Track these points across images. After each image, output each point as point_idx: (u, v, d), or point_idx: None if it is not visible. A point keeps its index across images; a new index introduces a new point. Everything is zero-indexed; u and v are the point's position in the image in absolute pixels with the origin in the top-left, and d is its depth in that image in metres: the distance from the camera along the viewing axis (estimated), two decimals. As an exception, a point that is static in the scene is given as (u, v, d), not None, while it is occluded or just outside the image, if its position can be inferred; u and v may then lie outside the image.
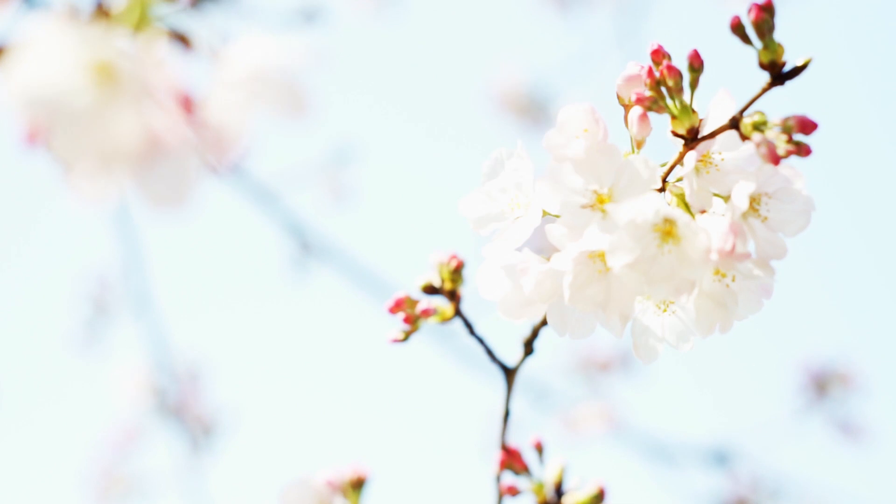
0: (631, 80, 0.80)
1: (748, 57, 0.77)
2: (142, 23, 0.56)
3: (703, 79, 0.78)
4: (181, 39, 0.58)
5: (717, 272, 0.77)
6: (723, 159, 0.77)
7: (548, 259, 0.78)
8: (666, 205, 0.74)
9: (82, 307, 3.86)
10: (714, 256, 0.73)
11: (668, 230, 0.74)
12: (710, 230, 0.73)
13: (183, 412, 3.58)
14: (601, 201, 0.75)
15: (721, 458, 3.17)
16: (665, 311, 0.80)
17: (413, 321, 0.92)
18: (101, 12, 0.57)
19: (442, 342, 2.59)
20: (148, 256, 2.73)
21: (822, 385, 3.09)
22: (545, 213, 0.79)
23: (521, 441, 0.99)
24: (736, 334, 0.80)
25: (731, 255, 0.73)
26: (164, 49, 0.54)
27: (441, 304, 0.93)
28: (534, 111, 4.30)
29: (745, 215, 0.75)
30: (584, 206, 0.75)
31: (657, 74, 0.77)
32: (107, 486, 3.98)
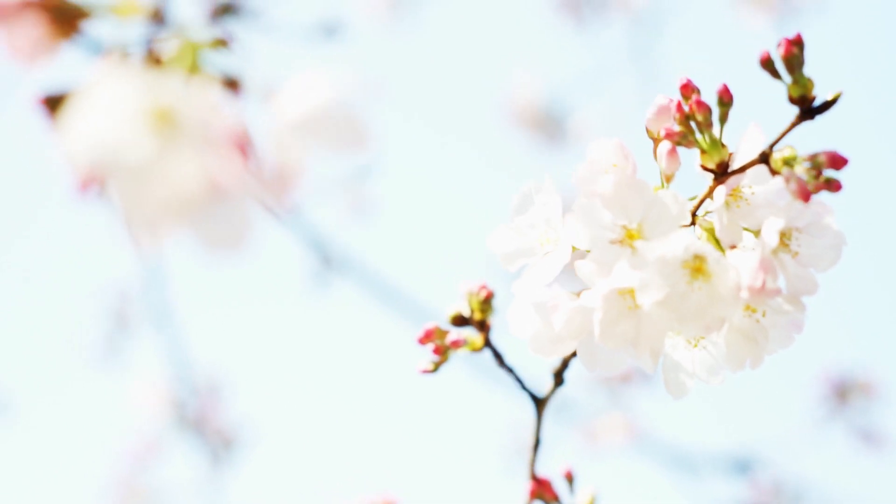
0: (660, 113, 0.79)
1: (763, 77, 0.76)
2: (194, 67, 0.56)
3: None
4: (232, 82, 0.58)
5: (747, 307, 0.77)
6: (753, 193, 0.77)
7: (578, 295, 0.78)
8: (696, 241, 0.74)
9: (103, 320, 3.87)
10: (744, 294, 0.73)
11: (698, 267, 0.73)
12: (741, 267, 0.73)
13: (203, 425, 3.59)
14: (630, 237, 0.75)
15: (743, 467, 3.17)
16: (695, 346, 0.80)
17: (443, 352, 0.92)
18: (152, 58, 0.57)
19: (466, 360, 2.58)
20: (168, 270, 2.73)
21: (843, 394, 3.08)
22: (574, 249, 0.79)
23: (550, 467, 0.99)
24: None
25: (761, 291, 0.73)
26: (218, 92, 0.54)
27: (471, 334, 0.93)
28: (549, 125, 4.31)
29: (775, 251, 0.75)
30: (613, 242, 0.75)
31: (686, 109, 0.77)
32: (126, 498, 3.99)
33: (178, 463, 3.78)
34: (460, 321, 0.93)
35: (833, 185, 0.73)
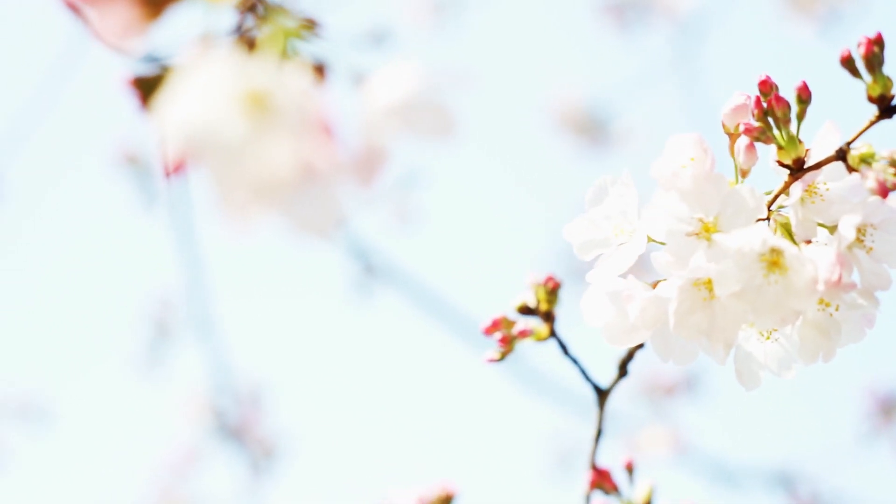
0: (737, 109, 0.80)
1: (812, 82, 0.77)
2: (285, 52, 0.57)
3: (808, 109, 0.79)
4: (321, 67, 0.59)
5: (820, 301, 0.78)
6: (827, 189, 0.78)
7: (652, 286, 0.79)
8: (773, 235, 0.75)
9: (145, 329, 3.89)
10: (821, 287, 0.74)
11: (774, 260, 0.74)
12: (817, 261, 0.74)
13: (243, 435, 3.60)
14: (707, 230, 0.76)
15: (784, 481, 3.16)
16: (768, 338, 0.81)
17: (509, 342, 0.93)
18: (245, 41, 0.58)
19: (510, 365, 2.59)
20: (211, 278, 2.75)
21: (888, 410, 3.08)
22: (650, 240, 0.80)
23: (604, 463, 1.00)
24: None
25: (837, 285, 0.73)
26: (308, 77, 0.55)
27: (536, 324, 0.94)
28: (593, 130, 4.31)
29: (850, 246, 0.76)
30: (689, 234, 0.76)
31: (765, 105, 0.78)
32: (166, 506, 4.00)
33: (218, 472, 3.79)
34: (526, 311, 0.94)
35: (910, 183, 0.74)
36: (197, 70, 0.54)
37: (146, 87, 0.60)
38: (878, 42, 0.77)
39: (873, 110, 0.77)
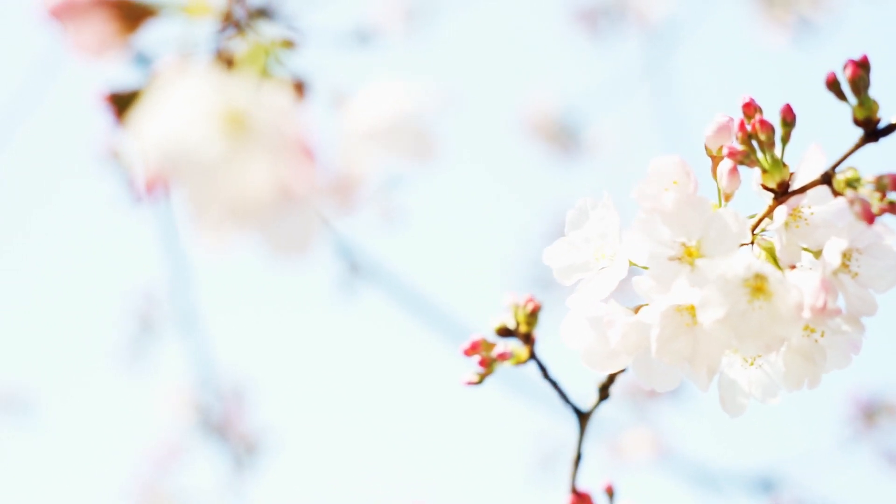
0: (720, 131, 0.79)
1: (777, 95, 0.76)
2: (264, 70, 0.56)
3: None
4: (301, 86, 0.58)
5: (805, 328, 0.76)
6: (812, 213, 0.76)
7: (634, 311, 0.78)
8: (757, 260, 0.74)
9: (128, 323, 3.87)
10: (806, 313, 0.72)
11: (758, 286, 0.73)
12: (802, 287, 0.73)
13: (226, 430, 3.59)
14: (689, 254, 0.75)
15: (766, 486, 3.16)
16: (752, 364, 0.79)
17: (488, 364, 0.92)
18: (223, 57, 0.57)
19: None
20: (195, 274, 2.73)
21: (870, 415, 3.07)
22: (631, 264, 0.79)
23: (580, 481, 0.99)
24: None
25: (823, 312, 0.72)
26: (287, 96, 0.54)
27: (516, 346, 0.93)
28: (564, 138, 4.30)
29: (836, 271, 0.74)
30: (671, 259, 0.75)
31: (749, 128, 0.77)
32: (148, 501, 3.99)
33: (200, 468, 3.78)
34: (505, 333, 0.93)
35: (896, 208, 0.73)
36: (174, 86, 0.53)
37: (122, 103, 0.58)
38: (864, 64, 0.75)
39: (858, 133, 0.75)
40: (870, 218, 0.72)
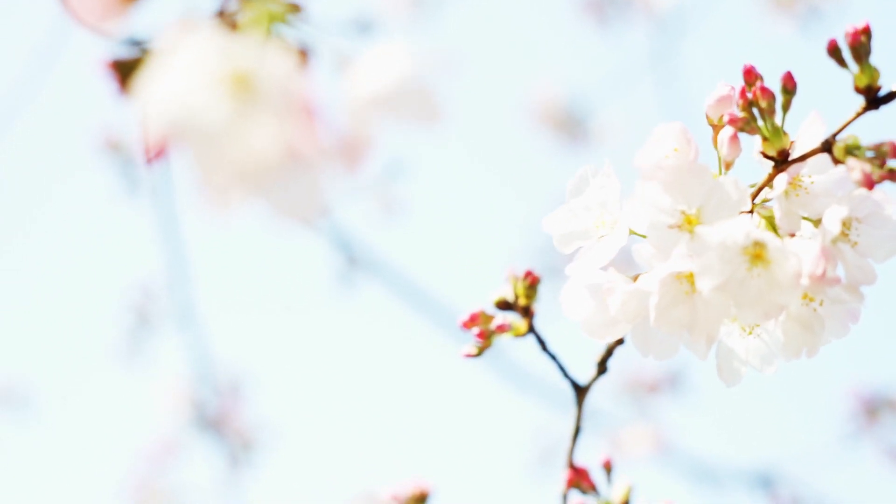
0: (721, 100, 0.79)
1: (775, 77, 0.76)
2: (269, 33, 0.56)
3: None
4: (306, 50, 0.58)
5: (804, 296, 0.76)
6: (812, 182, 0.76)
7: (633, 279, 0.78)
8: (756, 228, 0.74)
9: (126, 317, 3.87)
10: (805, 281, 0.72)
11: (757, 253, 0.73)
12: (801, 255, 0.73)
13: (223, 426, 3.59)
14: (689, 222, 0.75)
15: (766, 482, 3.15)
16: (750, 333, 0.79)
17: (487, 337, 0.92)
18: (227, 22, 0.57)
19: (491, 359, 2.58)
20: (193, 268, 2.73)
21: (872, 411, 3.07)
22: (631, 233, 0.78)
23: (583, 461, 0.99)
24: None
25: (822, 280, 0.72)
26: (293, 59, 0.54)
27: (515, 319, 0.93)
28: (571, 126, 4.30)
29: (835, 240, 0.74)
30: (671, 227, 0.75)
31: (750, 95, 0.77)
32: (144, 498, 3.98)
33: (196, 463, 3.78)
34: (504, 306, 0.93)
35: (896, 175, 0.73)
36: (179, 51, 0.53)
37: (126, 70, 0.58)
38: (866, 32, 0.75)
39: (859, 101, 0.75)
40: (870, 185, 0.72)
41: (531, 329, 0.93)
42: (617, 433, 3.26)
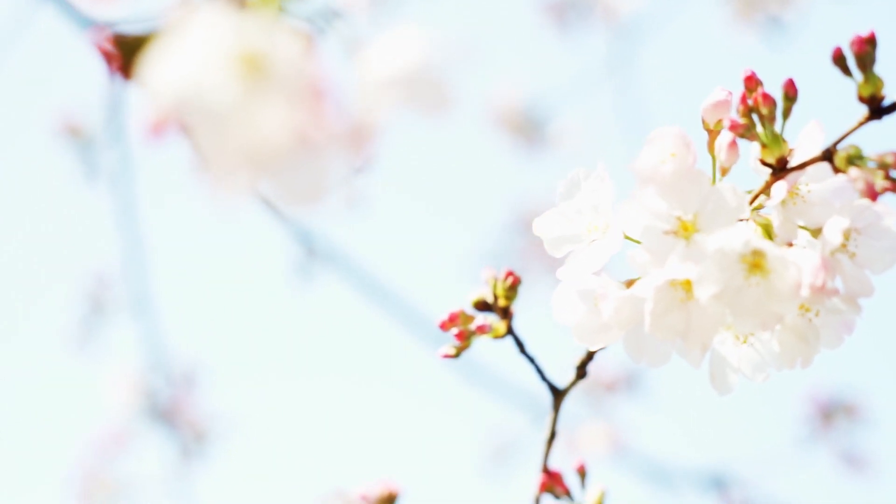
0: (718, 105, 0.78)
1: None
2: (280, 12, 0.54)
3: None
4: (317, 31, 0.56)
5: (801, 307, 0.75)
6: (809, 191, 0.75)
7: (626, 284, 0.77)
8: (756, 236, 0.73)
9: (80, 305, 3.83)
10: (805, 292, 0.71)
11: (756, 262, 0.72)
12: (801, 264, 0.72)
13: (175, 417, 3.56)
14: (685, 228, 0.74)
15: (718, 483, 3.16)
16: (744, 342, 0.78)
17: (466, 337, 0.90)
18: (237, 1, 0.55)
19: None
20: (150, 256, 2.71)
21: (828, 415, 3.08)
22: (625, 238, 0.77)
23: (530, 472, 0.98)
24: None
25: (822, 291, 0.71)
26: (305, 40, 0.52)
27: (494, 321, 0.91)
28: (529, 130, 4.29)
29: (833, 251, 0.73)
30: (666, 233, 0.74)
31: (750, 102, 0.76)
32: (91, 488, 3.94)
33: (147, 455, 3.74)
34: (483, 307, 0.91)
35: (899, 187, 0.72)
36: (189, 29, 0.51)
37: (126, 49, 0.56)
38: (871, 41, 0.74)
39: (862, 111, 0.74)
40: (873, 195, 0.71)
41: (510, 331, 0.92)
42: (573, 432, 3.26)
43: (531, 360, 0.93)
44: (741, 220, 0.74)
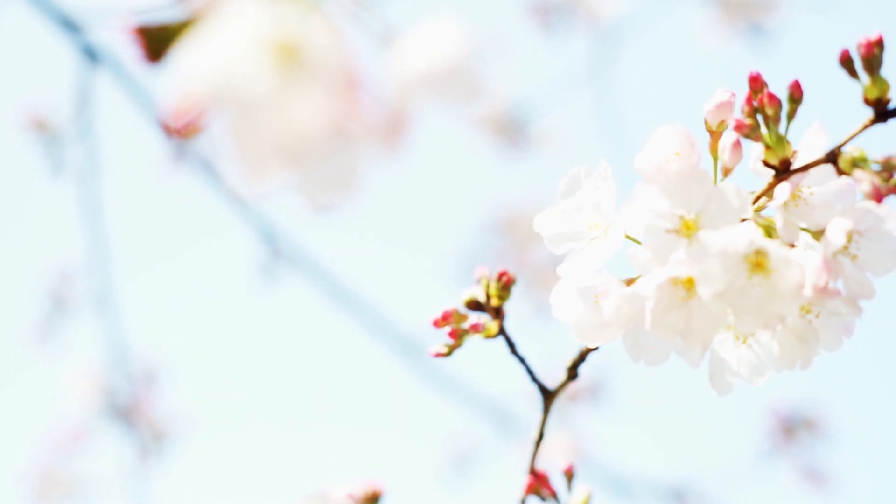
0: (721, 106, 0.78)
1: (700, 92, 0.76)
2: (315, 1, 0.53)
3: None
4: (352, 22, 0.56)
5: (802, 308, 0.75)
6: (812, 193, 0.76)
7: (626, 283, 0.77)
8: (760, 236, 0.73)
9: (41, 300, 3.80)
10: (808, 292, 0.71)
11: (758, 262, 0.72)
12: (804, 265, 0.72)
13: (134, 415, 3.53)
14: (687, 227, 0.74)
15: (678, 496, 3.17)
16: (744, 342, 0.78)
17: (459, 336, 0.90)
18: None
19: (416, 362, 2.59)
20: (113, 253, 2.69)
21: (789, 429, 3.09)
22: (627, 237, 0.77)
23: (491, 482, 0.98)
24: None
25: (823, 292, 0.71)
26: (341, 31, 0.52)
27: (486, 320, 0.91)
28: (511, 132, 4.29)
29: (836, 252, 0.74)
30: (669, 231, 0.74)
31: (756, 102, 0.76)
32: (47, 486, 3.92)
33: (105, 453, 3.72)
34: (475, 306, 0.91)
35: (902, 190, 0.72)
36: (224, 16, 0.51)
37: (153, 38, 0.55)
38: (879, 44, 0.74)
39: (867, 113, 0.75)
40: (879, 198, 0.72)
41: (501, 331, 0.91)
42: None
43: (522, 360, 0.93)
44: (743, 221, 0.75)
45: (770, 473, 3.11)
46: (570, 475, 0.98)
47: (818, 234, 0.75)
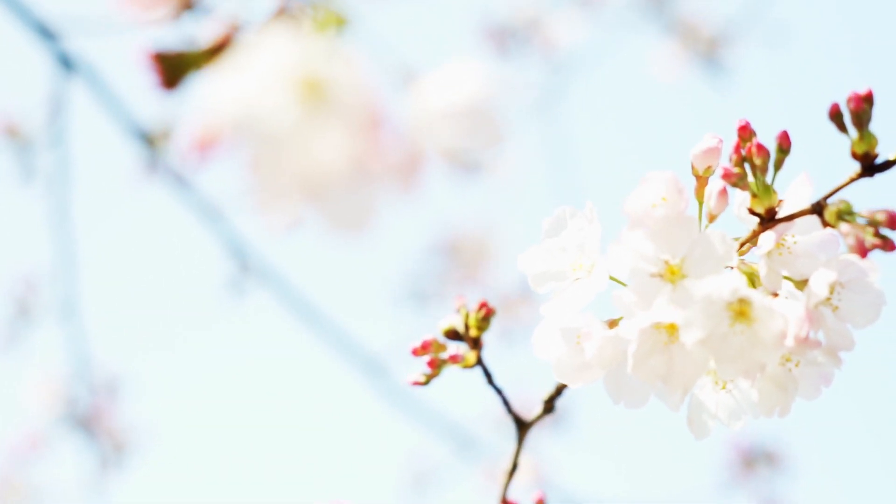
0: (709, 152, 0.79)
1: (674, 128, 0.77)
2: (338, 40, 0.54)
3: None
4: (373, 60, 0.56)
5: (782, 356, 0.76)
6: (796, 242, 0.76)
7: (608, 324, 0.77)
8: (744, 285, 0.74)
9: (5, 306, 3.78)
10: (790, 342, 0.72)
11: (741, 310, 0.73)
12: (786, 315, 0.73)
13: (94, 425, 3.52)
14: (672, 272, 0.74)
15: (636, 524, 3.17)
16: (723, 388, 0.79)
17: (437, 366, 0.90)
18: (287, 22, 0.54)
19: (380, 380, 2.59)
20: (79, 262, 2.68)
21: (749, 462, 3.10)
22: (611, 278, 0.78)
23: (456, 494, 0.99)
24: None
25: (805, 342, 0.72)
26: (362, 68, 0.52)
27: (464, 350, 0.91)
28: (464, 157, 4.28)
29: (818, 303, 0.74)
30: (653, 275, 0.74)
31: (744, 151, 0.77)
32: (3, 492, 3.89)
33: (64, 462, 3.70)
34: (453, 336, 0.91)
35: (888, 245, 0.72)
36: (251, 49, 0.51)
37: (169, 64, 0.55)
38: (868, 98, 0.75)
39: (854, 167, 0.75)
40: (863, 252, 0.72)
41: (479, 361, 0.92)
42: (496, 464, 3.26)
43: (499, 391, 0.93)
44: (728, 268, 0.75)
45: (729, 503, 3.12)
46: (540, 505, 0.99)
47: (801, 284, 0.76)
